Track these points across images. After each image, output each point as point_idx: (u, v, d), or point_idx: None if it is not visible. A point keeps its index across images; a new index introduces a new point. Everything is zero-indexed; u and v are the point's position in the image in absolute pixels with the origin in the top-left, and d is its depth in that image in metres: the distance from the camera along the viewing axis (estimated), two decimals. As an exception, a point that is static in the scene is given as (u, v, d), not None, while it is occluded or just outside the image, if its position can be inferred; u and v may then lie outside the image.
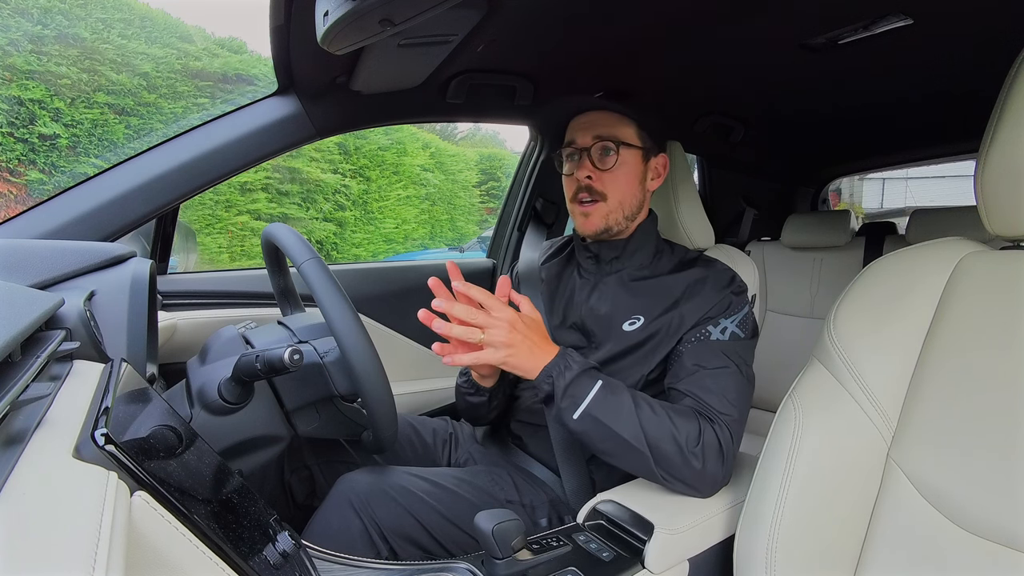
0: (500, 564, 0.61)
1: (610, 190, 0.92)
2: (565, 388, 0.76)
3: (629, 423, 0.75)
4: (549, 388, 0.77)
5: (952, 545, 0.58)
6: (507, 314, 0.76)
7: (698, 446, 0.75)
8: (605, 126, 0.92)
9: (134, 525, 0.34)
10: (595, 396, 0.76)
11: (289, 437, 0.83)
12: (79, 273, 0.76)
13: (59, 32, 4.58)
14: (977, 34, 1.03)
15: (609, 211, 0.93)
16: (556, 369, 0.77)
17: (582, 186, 0.93)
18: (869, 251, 1.76)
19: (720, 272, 0.90)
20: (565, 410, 0.76)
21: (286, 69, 1.00)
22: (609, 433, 0.75)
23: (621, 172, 0.92)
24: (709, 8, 0.93)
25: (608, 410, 0.75)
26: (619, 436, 0.75)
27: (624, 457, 0.77)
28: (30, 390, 0.42)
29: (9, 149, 4.32)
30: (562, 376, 0.76)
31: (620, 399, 0.77)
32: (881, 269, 0.70)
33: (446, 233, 7.10)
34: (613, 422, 0.75)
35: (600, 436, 0.76)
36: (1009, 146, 0.59)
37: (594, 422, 0.75)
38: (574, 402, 0.76)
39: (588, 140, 0.93)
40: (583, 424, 0.76)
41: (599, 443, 0.77)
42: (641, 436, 0.74)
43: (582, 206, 0.94)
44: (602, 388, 0.77)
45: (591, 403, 0.76)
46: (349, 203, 6.05)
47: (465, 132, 8.99)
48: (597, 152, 0.92)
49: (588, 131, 0.93)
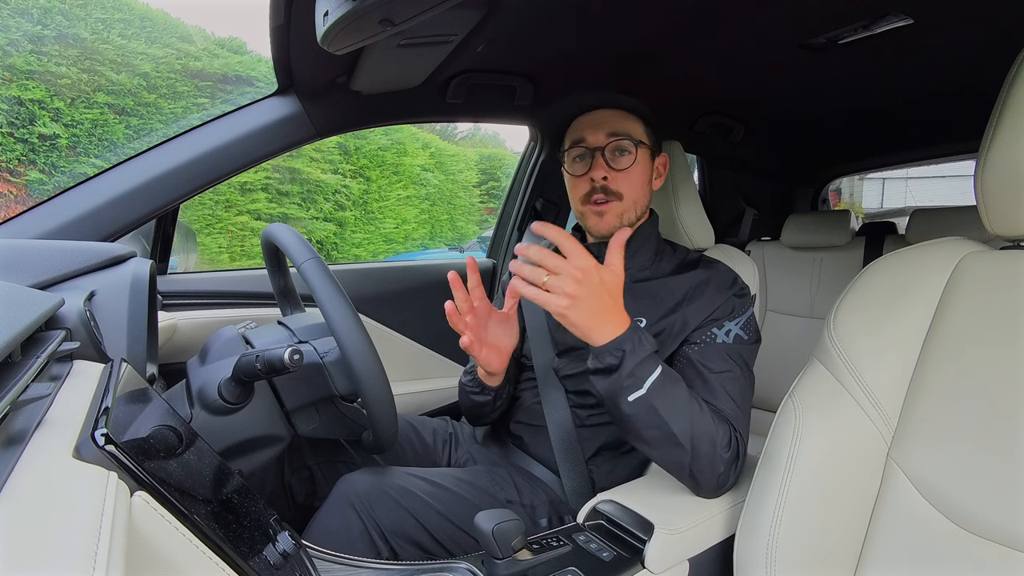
0: (500, 564, 0.61)
1: (625, 190, 0.90)
2: (635, 368, 0.70)
3: (682, 417, 0.71)
4: (616, 361, 0.70)
5: (952, 545, 0.58)
6: (582, 263, 0.67)
7: (729, 450, 0.74)
8: (617, 123, 0.89)
9: (134, 525, 0.34)
10: (655, 381, 0.71)
11: (289, 437, 0.83)
12: (79, 273, 0.76)
13: (59, 32, 4.58)
14: (977, 34, 1.03)
15: (624, 210, 0.91)
16: (630, 343, 0.70)
17: (597, 187, 0.89)
18: (869, 251, 1.76)
19: (722, 274, 0.90)
20: (625, 389, 0.70)
21: (286, 69, 1.00)
22: (659, 422, 0.71)
23: (636, 171, 0.90)
24: (709, 8, 0.93)
25: (665, 399, 0.71)
26: (668, 428, 0.71)
27: (663, 450, 0.73)
28: (30, 390, 0.42)
29: (9, 149, 4.31)
30: (635, 353, 0.70)
31: (678, 389, 0.73)
32: (881, 269, 0.70)
33: (446, 233, 7.09)
34: (667, 412, 0.71)
35: (648, 424, 0.71)
36: (1009, 146, 0.59)
37: (648, 408, 0.71)
38: (636, 383, 0.70)
39: (601, 139, 0.89)
40: (636, 407, 0.71)
41: (644, 430, 0.72)
42: (688, 432, 0.71)
43: (596, 205, 0.90)
44: (663, 374, 0.72)
45: (651, 388, 0.70)
46: (349, 203, 6.04)
47: (465, 132, 8.98)
48: (611, 151, 0.89)
49: (599, 129, 0.89)
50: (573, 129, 0.93)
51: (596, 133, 0.90)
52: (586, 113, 0.92)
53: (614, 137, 0.89)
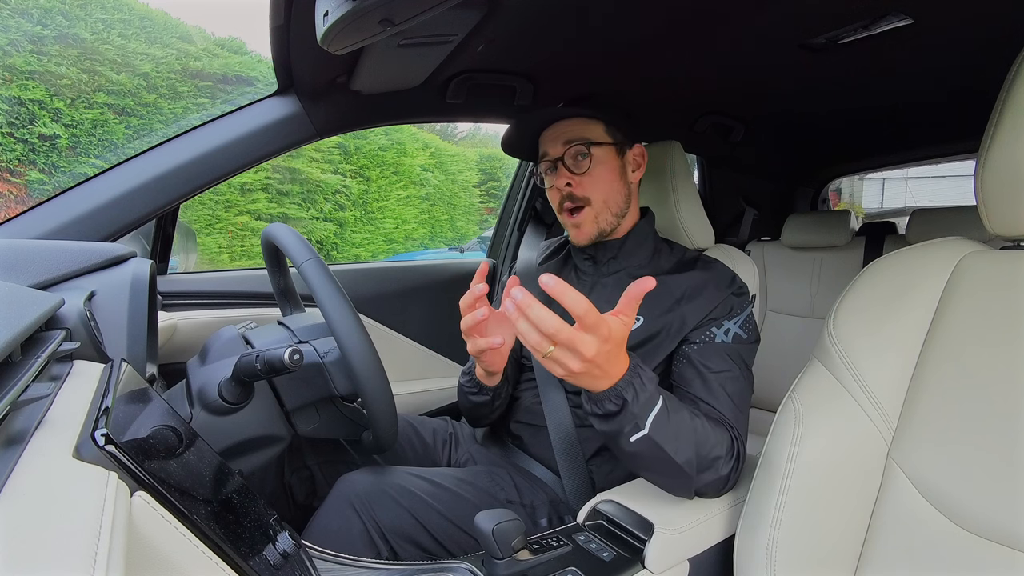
0: (500, 564, 0.61)
1: (592, 192, 0.92)
2: (638, 410, 0.65)
3: (686, 446, 0.68)
4: (616, 408, 0.65)
5: (952, 545, 0.58)
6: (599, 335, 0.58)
7: (732, 458, 0.74)
8: (572, 131, 0.92)
9: (134, 525, 0.34)
10: (657, 416, 0.66)
11: (289, 437, 0.83)
12: (79, 273, 0.76)
13: (59, 32, 4.57)
14: (977, 34, 1.03)
15: (597, 214, 0.92)
16: (631, 390, 0.64)
17: (564, 195, 0.92)
18: (869, 251, 1.76)
19: (721, 273, 0.90)
20: (626, 433, 0.66)
21: (286, 69, 1.00)
22: (663, 456, 0.68)
23: (598, 171, 0.92)
24: (709, 8, 0.93)
25: (668, 433, 0.67)
26: (673, 461, 0.68)
27: (667, 479, 0.72)
28: (30, 390, 0.42)
29: (9, 149, 4.31)
30: (637, 399, 0.65)
31: (680, 418, 0.69)
32: (881, 269, 0.70)
33: (446, 233, 7.09)
34: (670, 445, 0.67)
35: (652, 458, 0.68)
36: (1009, 146, 0.59)
37: (651, 446, 0.67)
38: (637, 425, 0.66)
39: (559, 149, 0.92)
40: (639, 446, 0.67)
41: (649, 463, 0.70)
42: (693, 459, 0.69)
43: (571, 216, 0.93)
44: (663, 407, 0.67)
45: (653, 426, 0.66)
46: (349, 203, 6.04)
47: (465, 132, 8.97)
48: (570, 158, 0.92)
49: (557, 140, 0.93)
50: (540, 146, 0.97)
51: (555, 144, 0.93)
52: (546, 128, 0.95)
53: (569, 144, 0.92)
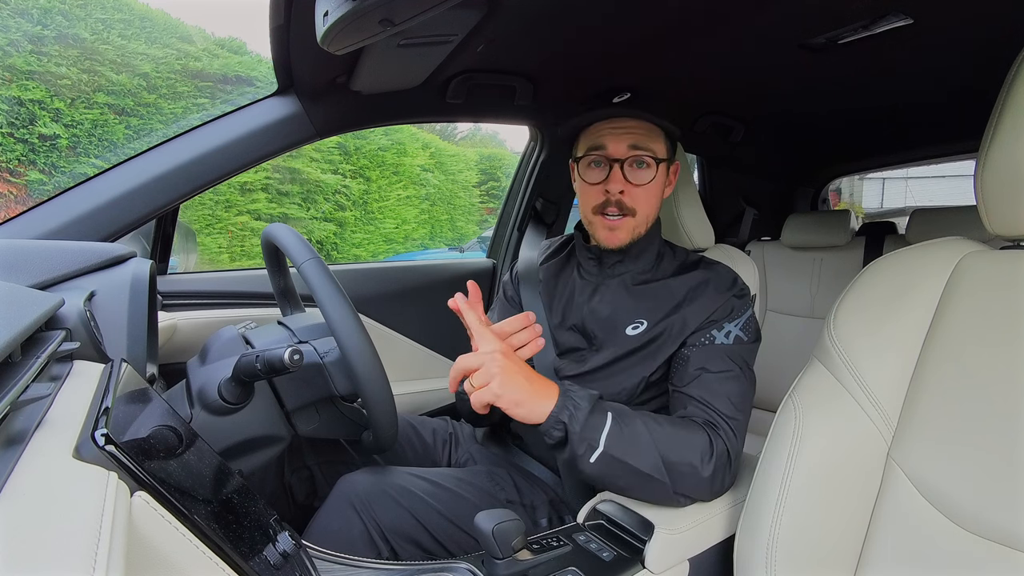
0: (500, 564, 0.61)
1: (640, 205, 0.88)
2: (580, 432, 0.69)
3: (647, 454, 0.71)
4: (561, 434, 0.70)
5: (952, 544, 0.58)
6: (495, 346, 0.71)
7: (711, 460, 0.73)
8: (641, 136, 0.86)
9: (134, 525, 0.34)
10: (609, 433, 0.70)
11: (289, 437, 0.83)
12: (79, 273, 0.76)
13: (59, 33, 4.57)
14: (977, 34, 1.03)
15: (636, 225, 0.89)
16: (566, 412, 0.70)
17: (612, 200, 0.87)
18: (869, 251, 1.76)
19: (722, 275, 0.90)
20: (582, 456, 0.70)
21: (286, 69, 1.00)
22: (628, 469, 0.70)
23: (653, 187, 0.88)
24: (709, 8, 0.93)
25: (625, 445, 0.70)
26: (638, 471, 0.70)
27: (643, 489, 0.73)
28: (30, 390, 0.42)
29: (9, 149, 4.31)
30: (574, 420, 0.69)
31: (634, 429, 0.71)
32: (881, 269, 0.70)
33: (446, 233, 7.09)
34: (632, 457, 0.70)
35: (619, 473, 0.71)
36: (1009, 146, 0.59)
37: (612, 462, 0.70)
38: (591, 446, 0.70)
39: (623, 150, 0.86)
40: (601, 466, 0.70)
41: (618, 479, 0.72)
42: (660, 464, 0.71)
43: (608, 219, 0.88)
44: (614, 422, 0.71)
45: (607, 441, 0.70)
46: (349, 203, 6.04)
47: (465, 132, 8.98)
48: (631, 165, 0.86)
49: (623, 140, 0.86)
50: (591, 134, 0.89)
51: (618, 143, 0.86)
52: (609, 119, 0.88)
53: (636, 151, 0.86)
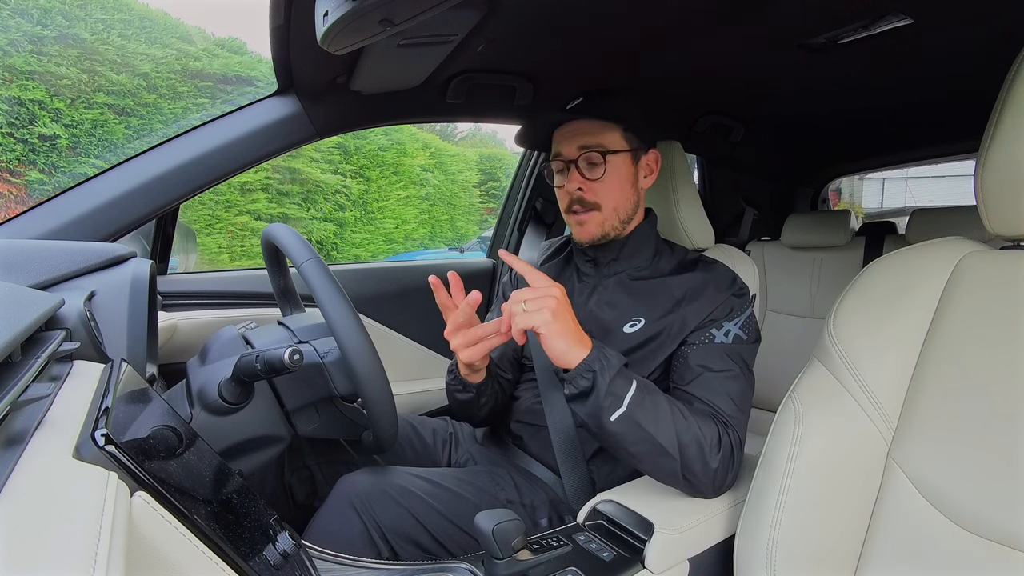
0: (500, 564, 0.61)
1: (603, 199, 0.90)
2: (608, 384, 0.71)
3: (665, 427, 0.72)
4: (588, 383, 0.72)
5: (952, 545, 0.58)
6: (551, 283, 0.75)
7: (719, 452, 0.74)
8: (589, 134, 0.90)
9: (134, 525, 0.34)
10: (633, 396, 0.72)
11: (289, 437, 0.83)
12: (79, 273, 0.76)
13: (59, 33, 4.57)
14: (977, 34, 1.03)
15: (604, 219, 0.91)
16: (598, 363, 0.72)
17: (574, 199, 0.91)
18: (869, 251, 1.76)
19: (721, 274, 0.90)
20: (606, 409, 0.71)
21: (286, 69, 1.00)
22: (645, 436, 0.72)
23: (611, 179, 0.90)
24: (709, 8, 0.93)
25: (646, 412, 0.72)
26: (655, 440, 0.72)
27: (653, 462, 0.74)
28: (30, 390, 0.42)
29: (9, 149, 4.31)
30: (604, 372, 0.71)
31: (656, 400, 0.74)
32: (881, 269, 0.70)
33: (446, 233, 7.09)
34: (651, 425, 0.72)
35: (635, 439, 0.72)
36: (1009, 146, 0.59)
37: (632, 425, 0.72)
38: (615, 401, 0.71)
39: (573, 151, 0.90)
40: (620, 426, 0.72)
41: (632, 446, 0.73)
42: (675, 441, 0.72)
43: (575, 215, 0.92)
44: (638, 388, 0.73)
45: (630, 403, 0.72)
46: (349, 203, 6.04)
47: (465, 132, 8.98)
48: (584, 163, 0.90)
49: (572, 141, 0.91)
50: (554, 141, 0.95)
51: (569, 145, 0.91)
52: (563, 125, 0.93)
53: (584, 149, 0.90)
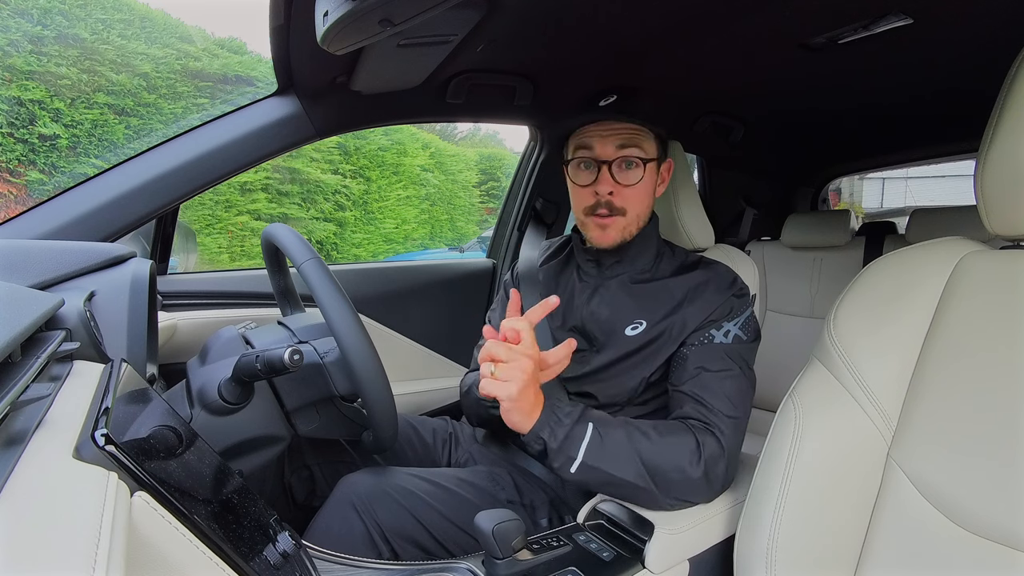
0: (500, 564, 0.61)
1: (631, 205, 0.89)
2: (559, 447, 0.73)
3: (628, 463, 0.73)
4: (540, 447, 0.74)
5: (952, 545, 0.58)
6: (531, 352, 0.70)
7: (700, 459, 0.74)
8: (629, 136, 0.87)
9: (134, 525, 0.34)
10: (589, 444, 0.73)
11: (289, 437, 0.83)
12: (79, 273, 0.76)
13: (59, 33, 4.57)
14: (977, 34, 1.03)
15: (627, 224, 0.90)
16: (547, 428, 0.73)
17: (602, 201, 0.88)
18: (869, 251, 1.76)
19: (722, 275, 0.90)
20: (561, 467, 0.74)
21: (286, 69, 1.00)
22: (609, 478, 0.73)
23: (642, 187, 0.89)
24: (709, 8, 0.93)
25: (605, 455, 0.73)
26: (620, 478, 0.73)
27: (630, 495, 0.76)
28: (30, 390, 0.42)
29: (9, 149, 4.31)
30: (554, 436, 0.73)
31: (614, 438, 0.74)
32: (881, 269, 0.70)
33: (446, 233, 7.09)
34: (611, 466, 0.73)
35: (600, 482, 0.75)
36: (1009, 146, 0.59)
37: (592, 471, 0.73)
38: (569, 458, 0.73)
39: (610, 151, 0.87)
40: (582, 475, 0.74)
41: (602, 487, 0.76)
42: (643, 472, 0.73)
43: (599, 219, 0.89)
44: (594, 432, 0.74)
45: (586, 453, 0.73)
46: (349, 203, 6.04)
47: (465, 132, 8.99)
48: (619, 166, 0.88)
49: (610, 141, 0.87)
50: (580, 136, 0.91)
51: (605, 144, 0.88)
52: (597, 123, 0.89)
53: (624, 151, 0.87)
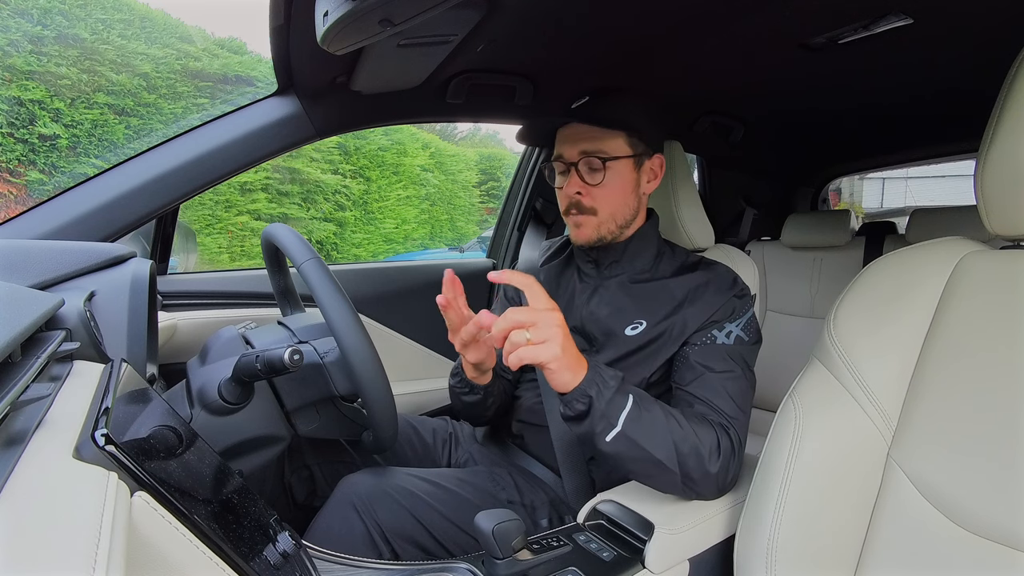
0: (500, 564, 0.61)
1: (600, 204, 0.90)
2: (604, 408, 0.69)
3: (662, 441, 0.71)
4: (584, 407, 0.69)
5: (952, 545, 0.58)
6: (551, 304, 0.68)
7: (718, 457, 0.74)
8: (591, 139, 0.89)
9: (134, 525, 0.34)
10: (629, 414, 0.70)
11: (289, 437, 0.83)
12: (79, 273, 0.76)
13: (59, 33, 4.57)
14: (977, 34, 1.03)
15: (600, 223, 0.91)
16: (595, 387, 0.69)
17: (572, 202, 0.91)
18: (869, 251, 1.76)
19: (722, 275, 0.90)
20: (600, 433, 0.70)
21: (286, 69, 1.00)
22: (642, 454, 0.71)
23: (611, 185, 0.90)
24: (709, 8, 0.93)
25: (643, 429, 0.70)
26: (652, 456, 0.71)
27: (652, 476, 0.74)
28: (30, 390, 0.42)
29: (9, 149, 4.31)
30: (600, 395, 0.69)
31: (653, 414, 0.72)
32: (881, 269, 0.70)
33: (446, 233, 7.09)
34: (647, 442, 0.70)
35: (632, 456, 0.71)
36: (1009, 146, 0.59)
37: (628, 443, 0.70)
38: (609, 423, 0.70)
39: (575, 154, 0.90)
40: (616, 445, 0.70)
41: (629, 463, 0.73)
42: (672, 454, 0.71)
43: (573, 217, 0.92)
44: (634, 405, 0.71)
45: (625, 423, 0.70)
46: (349, 203, 6.04)
47: (465, 132, 8.99)
48: (584, 167, 0.90)
49: (574, 145, 0.90)
50: (557, 141, 0.94)
51: (571, 148, 0.90)
52: (567, 125, 0.92)
53: (585, 155, 0.89)
